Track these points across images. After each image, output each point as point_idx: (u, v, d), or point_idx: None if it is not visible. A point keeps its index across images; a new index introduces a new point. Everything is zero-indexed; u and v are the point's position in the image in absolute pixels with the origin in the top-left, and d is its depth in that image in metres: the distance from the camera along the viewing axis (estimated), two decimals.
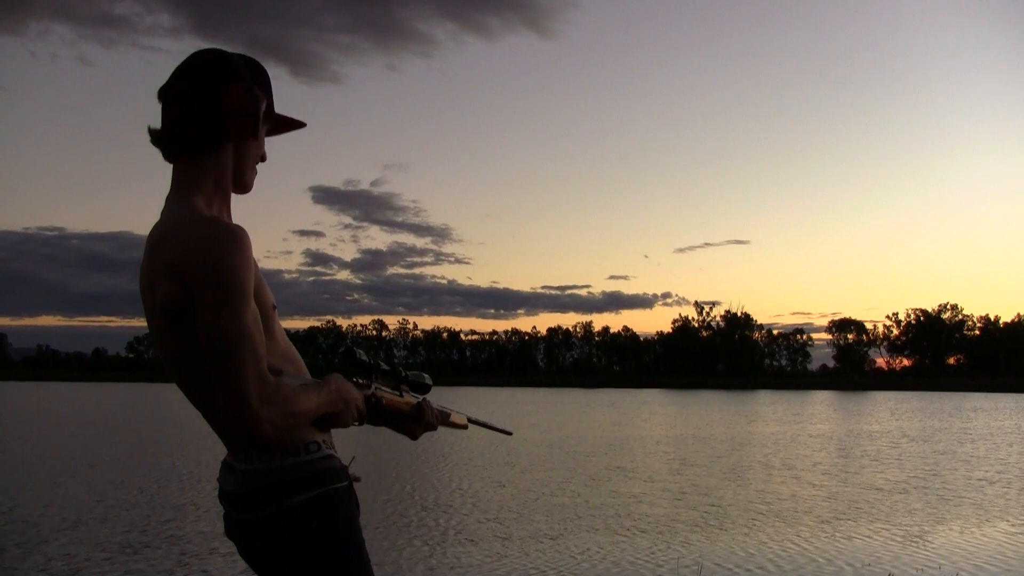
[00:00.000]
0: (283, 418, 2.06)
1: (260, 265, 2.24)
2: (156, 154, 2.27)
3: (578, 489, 15.67)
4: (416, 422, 2.63)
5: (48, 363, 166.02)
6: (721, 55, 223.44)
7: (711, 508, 13.64)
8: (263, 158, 2.38)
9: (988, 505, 14.29)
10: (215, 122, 2.20)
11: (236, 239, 2.06)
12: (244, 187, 2.34)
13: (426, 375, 2.69)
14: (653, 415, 44.60)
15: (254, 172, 2.36)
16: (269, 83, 2.36)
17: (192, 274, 2.03)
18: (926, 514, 13.34)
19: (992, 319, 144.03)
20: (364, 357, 2.47)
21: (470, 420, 2.94)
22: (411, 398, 2.61)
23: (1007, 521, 12.78)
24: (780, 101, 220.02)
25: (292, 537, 2.16)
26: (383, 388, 2.53)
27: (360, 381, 2.45)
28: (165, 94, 2.24)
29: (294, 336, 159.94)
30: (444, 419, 2.77)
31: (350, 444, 2.33)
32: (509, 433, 3.28)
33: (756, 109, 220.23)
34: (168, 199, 2.23)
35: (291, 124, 2.48)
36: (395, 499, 14.23)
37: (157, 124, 2.26)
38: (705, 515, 13.00)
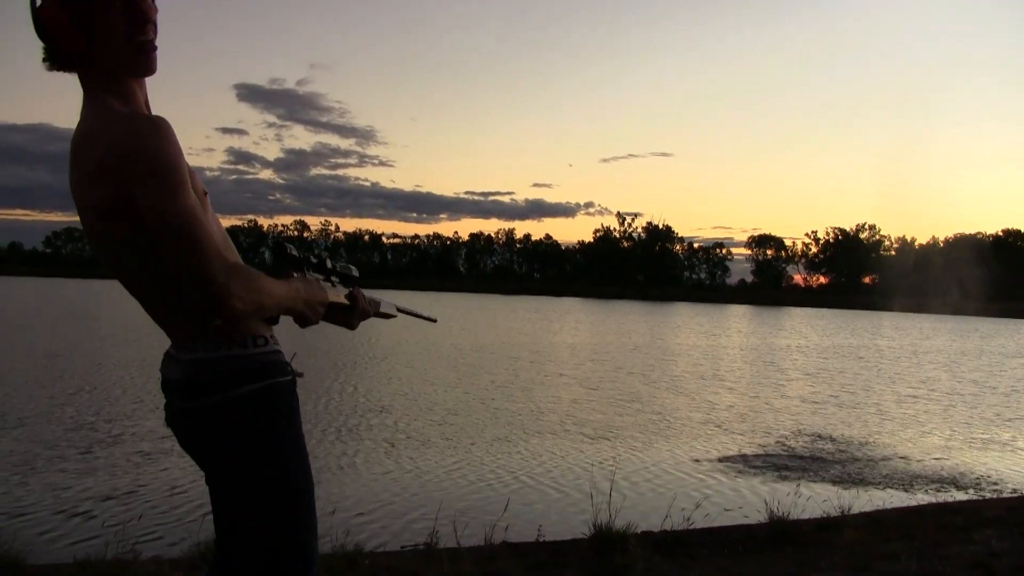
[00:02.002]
0: (249, 293, 2.05)
1: None
2: None
3: (515, 393, 15.79)
4: (351, 312, 2.66)
5: None
6: None
7: (638, 414, 13.70)
8: (146, 18, 2.16)
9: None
10: (101, 36, 2.09)
11: (160, 127, 2.02)
12: (140, 66, 2.18)
13: (352, 267, 2.71)
14: (579, 324, 44.92)
15: (145, 43, 2.17)
16: None
17: (126, 170, 1.99)
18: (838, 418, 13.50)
19: (908, 240, 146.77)
20: (294, 252, 2.47)
21: (399, 309, 3.01)
22: (341, 290, 2.63)
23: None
24: (709, 15, 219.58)
25: (234, 426, 2.15)
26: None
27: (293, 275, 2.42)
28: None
29: None
30: (375, 308, 2.83)
31: (291, 340, 2.12)
32: (434, 320, 3.34)
33: (685, 22, 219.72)
34: (83, 102, 2.16)
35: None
36: (340, 400, 14.28)
37: None
38: (632, 421, 13.05)
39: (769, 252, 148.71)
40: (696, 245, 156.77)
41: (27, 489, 8.17)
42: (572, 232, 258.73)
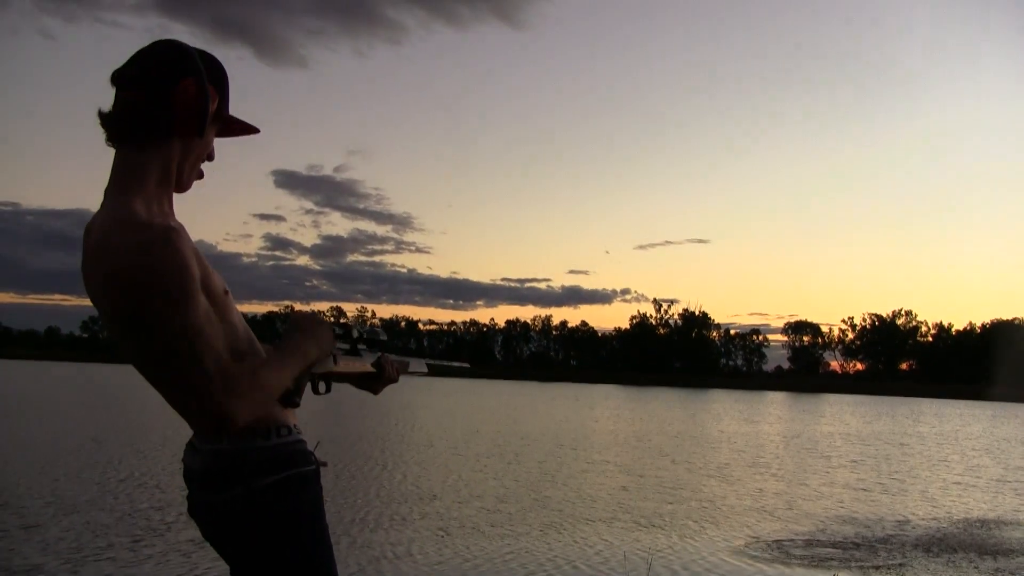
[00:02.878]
0: (252, 401, 2.08)
1: (219, 248, 2.30)
2: None
3: (562, 480, 15.85)
4: (377, 378, 2.68)
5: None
6: (688, 52, 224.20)
7: (675, 504, 13.85)
8: (210, 157, 2.35)
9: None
10: (162, 114, 2.17)
11: (168, 240, 2.03)
12: (182, 186, 2.30)
13: (380, 330, 2.71)
14: (619, 411, 44.80)
15: (196, 172, 2.33)
16: (226, 81, 2.33)
17: (131, 284, 2.01)
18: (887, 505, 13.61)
19: (945, 326, 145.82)
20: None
21: (428, 365, 3.01)
22: (368, 357, 2.65)
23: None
24: (746, 101, 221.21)
25: (258, 518, 2.17)
26: (339, 351, 2.54)
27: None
28: (118, 78, 2.21)
29: (252, 321, 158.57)
30: (404, 369, 2.82)
31: (316, 428, 2.36)
32: (467, 366, 3.35)
33: (722, 108, 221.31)
34: (107, 190, 2.20)
35: (244, 128, 2.44)
36: (389, 487, 14.29)
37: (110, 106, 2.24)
38: (668, 510, 13.20)
39: (806, 339, 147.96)
40: (733, 332, 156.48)
41: None
42: (608, 319, 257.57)
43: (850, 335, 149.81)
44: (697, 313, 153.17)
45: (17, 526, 10.00)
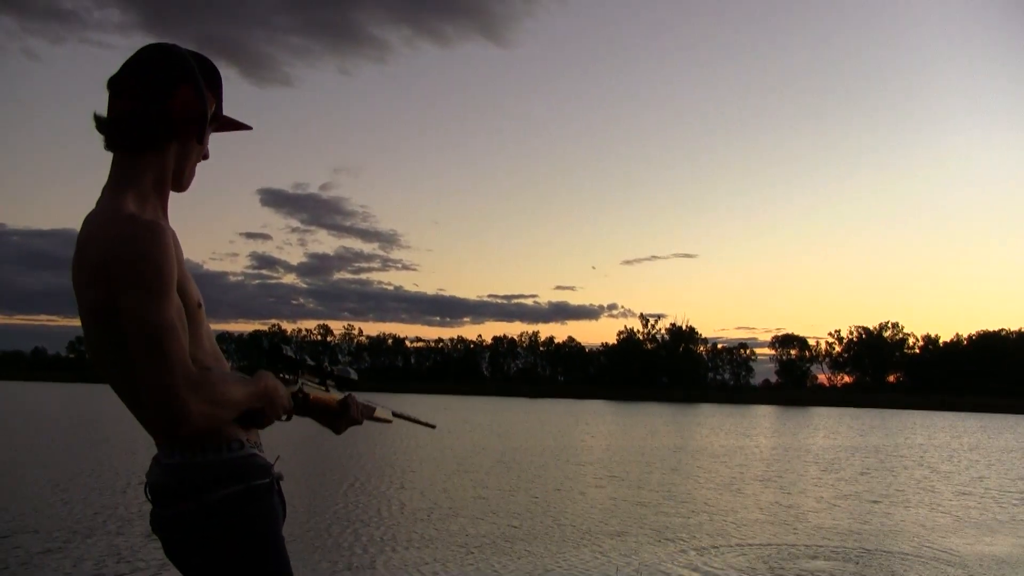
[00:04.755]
0: (210, 406, 2.07)
1: (205, 267, 2.31)
2: (101, 152, 2.28)
3: (572, 496, 15.85)
4: (340, 417, 2.70)
5: None
6: (672, 70, 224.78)
7: (692, 515, 13.81)
8: (205, 156, 2.41)
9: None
10: (161, 122, 2.21)
11: (153, 233, 2.08)
12: (181, 186, 2.36)
13: (351, 369, 2.74)
14: (613, 426, 44.80)
15: (193, 172, 2.39)
16: (220, 83, 2.38)
17: (113, 274, 2.05)
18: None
19: (932, 338, 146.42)
20: (290, 353, 2.52)
21: (395, 414, 3.01)
22: (336, 394, 2.67)
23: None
24: (730, 117, 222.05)
25: (211, 533, 2.17)
26: (309, 383, 2.58)
27: (287, 377, 2.50)
28: (114, 85, 2.24)
29: (238, 339, 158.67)
30: (368, 413, 2.84)
31: (276, 443, 2.33)
32: (432, 427, 3.33)
33: (706, 124, 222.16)
34: (104, 189, 2.23)
35: (237, 126, 2.51)
36: (411, 504, 14.23)
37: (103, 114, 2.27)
38: (679, 523, 13.15)
39: (793, 352, 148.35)
40: (720, 346, 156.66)
41: None
42: (596, 334, 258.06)
43: (837, 348, 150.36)
44: (684, 328, 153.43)
45: (39, 551, 9.87)
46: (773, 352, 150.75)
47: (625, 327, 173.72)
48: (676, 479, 19.38)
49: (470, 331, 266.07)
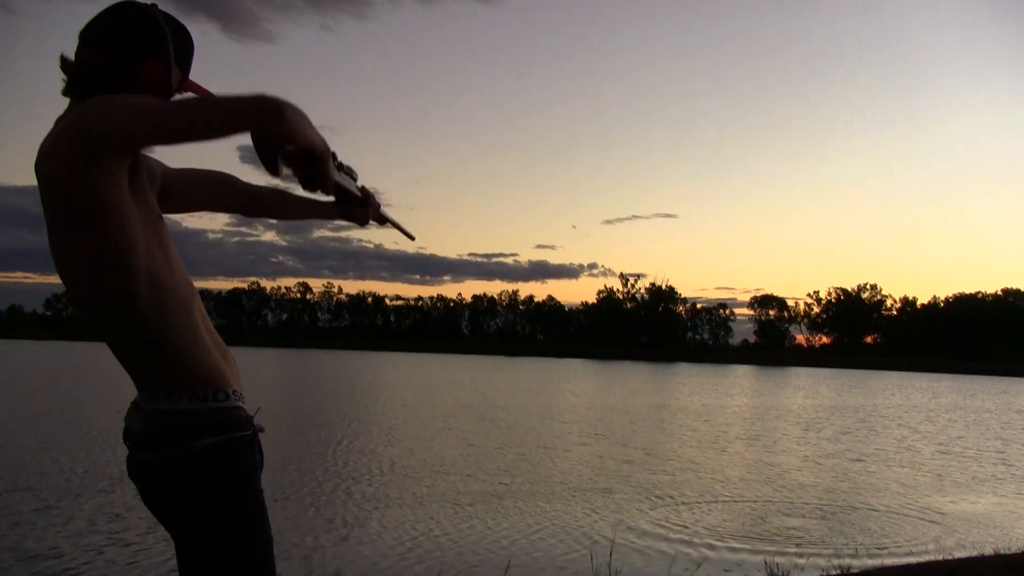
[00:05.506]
0: (300, 113, 2.07)
1: (184, 224, 2.34)
2: None
3: (544, 453, 15.95)
4: (364, 206, 2.77)
5: None
6: (655, 31, 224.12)
7: (650, 474, 13.94)
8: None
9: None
10: (122, 88, 2.15)
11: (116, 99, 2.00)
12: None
13: (354, 169, 2.67)
14: (594, 385, 44.88)
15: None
16: (191, 55, 2.32)
17: (65, 143, 1.99)
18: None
19: (910, 300, 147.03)
20: None
21: (384, 218, 2.96)
22: (351, 182, 2.64)
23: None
24: (712, 79, 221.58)
25: (192, 481, 2.15)
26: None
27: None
28: (85, 35, 2.19)
29: (217, 296, 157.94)
30: (376, 212, 2.84)
31: (256, 395, 2.34)
32: (412, 237, 3.24)
33: (689, 85, 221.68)
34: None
35: (198, 91, 2.40)
36: (320, 461, 14.20)
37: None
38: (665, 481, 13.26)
39: (772, 312, 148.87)
40: (699, 306, 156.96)
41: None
42: (575, 293, 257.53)
43: (816, 309, 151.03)
44: (664, 287, 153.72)
45: (31, 509, 9.88)
46: (752, 312, 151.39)
47: (605, 286, 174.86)
48: (660, 438, 19.51)
49: (450, 290, 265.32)
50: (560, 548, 9.02)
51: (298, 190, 2.40)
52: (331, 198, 2.70)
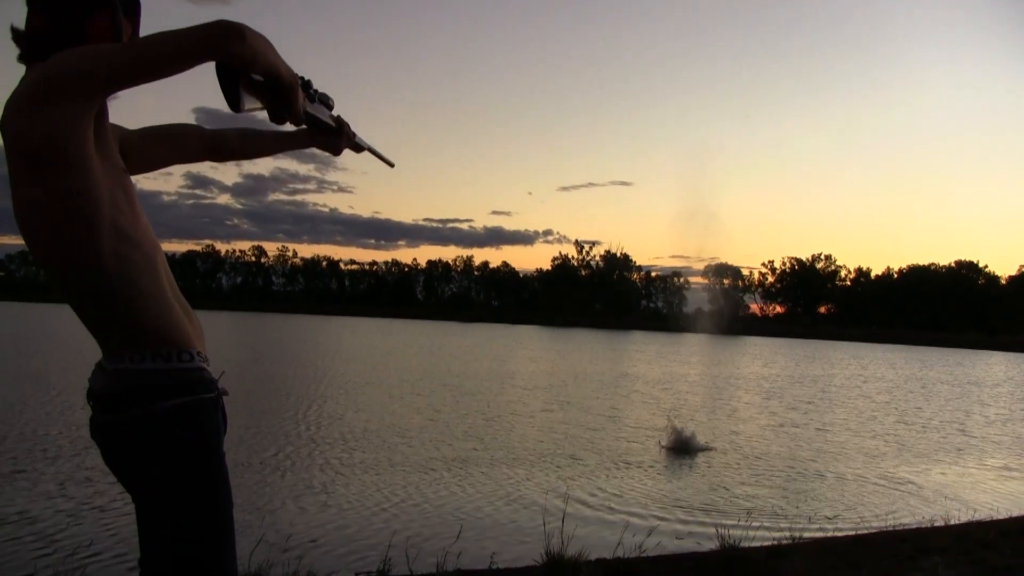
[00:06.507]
0: (262, 39, 2.04)
1: (139, 186, 2.25)
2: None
3: (493, 420, 15.88)
4: (339, 135, 2.72)
5: None
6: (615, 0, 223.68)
7: (601, 441, 13.77)
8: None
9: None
10: (72, 45, 2.09)
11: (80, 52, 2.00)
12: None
13: (329, 96, 2.63)
14: (549, 352, 44.94)
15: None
16: (139, 9, 2.31)
17: (28, 99, 1.98)
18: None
19: (864, 270, 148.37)
20: None
21: (362, 145, 2.90)
22: (326, 111, 2.60)
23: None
24: (670, 47, 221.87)
25: (155, 442, 2.12)
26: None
27: None
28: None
29: (171, 259, 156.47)
30: (351, 140, 2.79)
31: (213, 359, 2.30)
32: (391, 165, 3.18)
33: (645, 51, 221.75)
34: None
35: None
36: (287, 426, 14.06)
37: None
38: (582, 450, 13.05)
39: (726, 281, 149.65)
40: (654, 274, 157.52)
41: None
42: (530, 260, 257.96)
43: (770, 278, 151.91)
44: (619, 255, 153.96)
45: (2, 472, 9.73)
46: (706, 281, 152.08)
47: (560, 253, 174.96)
48: (622, 405, 19.42)
49: (405, 254, 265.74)
50: (514, 514, 9.07)
51: (268, 125, 2.42)
52: (303, 128, 2.62)
